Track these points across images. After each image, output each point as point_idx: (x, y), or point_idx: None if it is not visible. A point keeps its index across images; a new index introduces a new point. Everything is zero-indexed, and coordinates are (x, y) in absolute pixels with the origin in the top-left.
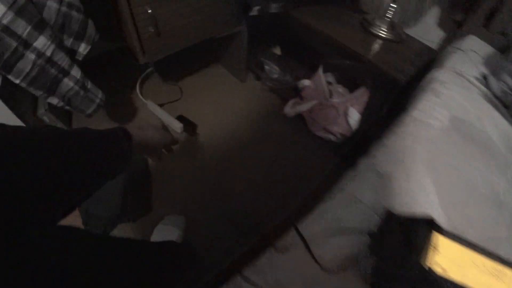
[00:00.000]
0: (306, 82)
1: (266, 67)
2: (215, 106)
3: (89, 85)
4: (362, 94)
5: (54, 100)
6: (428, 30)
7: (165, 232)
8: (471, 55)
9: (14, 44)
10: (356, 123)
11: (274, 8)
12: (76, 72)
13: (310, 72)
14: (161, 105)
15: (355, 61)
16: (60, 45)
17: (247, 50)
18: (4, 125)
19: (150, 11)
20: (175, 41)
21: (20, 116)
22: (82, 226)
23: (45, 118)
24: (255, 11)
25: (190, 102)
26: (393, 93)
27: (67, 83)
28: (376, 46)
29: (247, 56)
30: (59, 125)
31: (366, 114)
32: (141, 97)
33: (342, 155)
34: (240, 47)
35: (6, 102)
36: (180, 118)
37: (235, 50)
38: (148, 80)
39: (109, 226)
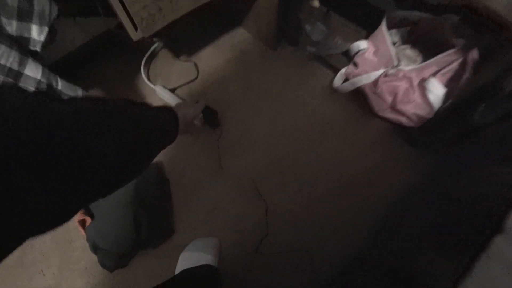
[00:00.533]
0: (362, 45)
1: (307, 27)
2: (241, 84)
3: (60, 84)
4: (448, 60)
5: None
6: None
7: (192, 260)
8: None
9: None
10: (439, 99)
11: None
12: (32, 70)
13: (366, 31)
14: (173, 90)
15: (436, 16)
16: None
17: (278, 6)
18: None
19: None
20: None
21: None
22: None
23: None
24: None
25: (209, 81)
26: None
27: (24, 87)
28: None
29: (278, 15)
30: None
31: (456, 88)
32: (147, 81)
33: (420, 146)
34: (269, 3)
35: None
36: None
37: (261, 8)
38: (156, 60)
39: (123, 259)
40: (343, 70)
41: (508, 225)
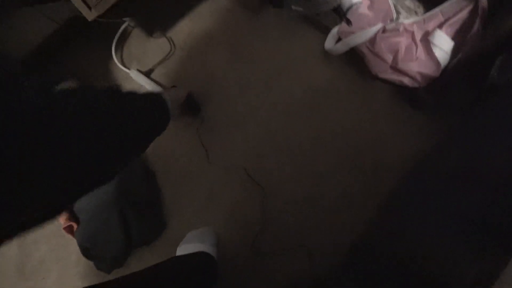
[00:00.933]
0: None
1: None
2: (223, 56)
3: None
4: (455, 9)
5: None
6: None
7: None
8: None
9: None
10: (447, 55)
11: None
12: None
13: None
14: (150, 72)
15: None
16: None
17: None
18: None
19: None
20: None
21: None
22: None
23: None
24: None
25: (188, 56)
26: None
27: None
28: None
29: None
30: None
31: (466, 40)
32: (121, 66)
33: (427, 109)
34: None
35: None
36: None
37: None
38: (128, 41)
39: (116, 264)
40: (335, 30)
41: None
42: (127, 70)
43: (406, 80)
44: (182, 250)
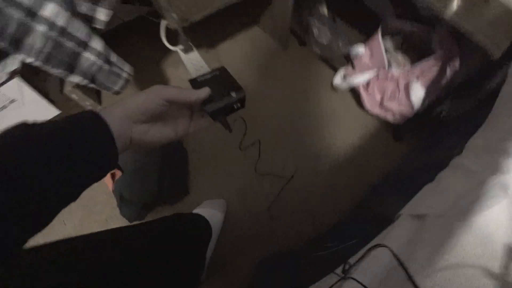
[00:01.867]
0: (360, 49)
1: (315, 30)
2: (254, 76)
3: (114, 58)
4: (430, 66)
5: (76, 79)
6: None
7: (206, 215)
8: None
9: (17, 15)
10: (420, 100)
11: None
12: (96, 43)
13: (364, 37)
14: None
15: (425, 23)
16: (74, 12)
17: (292, 9)
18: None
19: None
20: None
21: (45, 94)
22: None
23: (73, 96)
24: None
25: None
26: (477, 67)
27: (88, 57)
28: (457, 2)
29: (291, 18)
30: (88, 102)
31: (434, 91)
32: (168, 44)
33: (402, 140)
34: (284, 6)
35: (29, 81)
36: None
37: (277, 10)
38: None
39: (143, 212)
40: (342, 70)
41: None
42: (173, 47)
43: (389, 116)
44: (196, 212)
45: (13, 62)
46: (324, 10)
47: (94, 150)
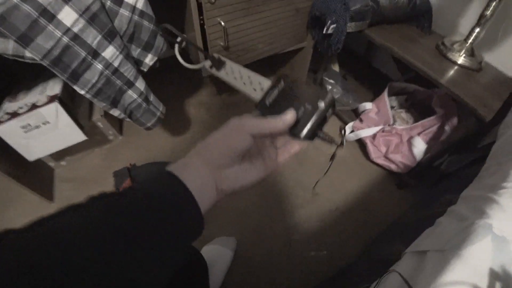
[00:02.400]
0: (368, 105)
1: (328, 86)
2: None
3: (152, 97)
4: (430, 124)
5: (116, 112)
6: (506, 57)
7: (214, 252)
8: None
9: (83, 53)
10: (421, 153)
11: (351, 27)
12: (140, 83)
13: (371, 94)
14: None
15: (427, 87)
16: (127, 56)
17: (309, 65)
18: None
19: (223, 23)
20: (241, 56)
21: (76, 120)
22: None
23: (99, 124)
24: (330, 29)
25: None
26: (474, 126)
27: (131, 95)
28: (453, 73)
29: (308, 71)
30: (111, 131)
31: (433, 146)
32: (186, 63)
33: (406, 188)
34: (302, 62)
35: (64, 105)
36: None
37: (295, 65)
38: (201, 90)
39: None
40: (351, 123)
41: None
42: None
43: (393, 166)
44: (206, 248)
45: (54, 86)
46: (337, 67)
47: (179, 227)
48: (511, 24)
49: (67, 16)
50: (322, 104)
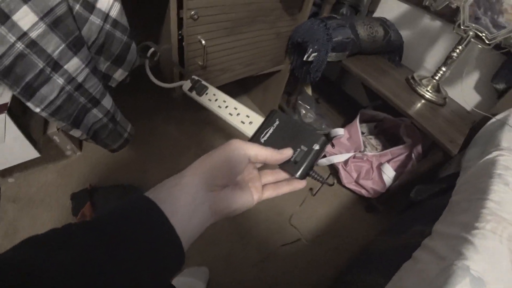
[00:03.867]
0: (340, 131)
1: (302, 111)
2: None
3: (119, 117)
4: (399, 152)
5: (77, 133)
6: (467, 95)
7: (187, 286)
8: None
9: (41, 64)
10: (390, 180)
11: (331, 57)
12: (107, 101)
13: (343, 119)
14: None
15: (393, 114)
16: (94, 70)
17: (284, 88)
18: None
19: (203, 42)
20: (218, 76)
21: (28, 134)
22: None
23: (55, 138)
24: (311, 57)
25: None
26: (438, 160)
27: (96, 114)
28: (421, 106)
29: (282, 94)
30: (69, 146)
31: (402, 173)
32: (157, 81)
33: (375, 213)
34: (277, 85)
35: (15, 118)
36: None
37: (271, 87)
38: (172, 103)
39: None
40: None
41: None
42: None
43: (363, 192)
44: (176, 280)
45: (3, 94)
46: (309, 91)
47: (157, 264)
48: (473, 66)
49: (25, 17)
50: (317, 147)
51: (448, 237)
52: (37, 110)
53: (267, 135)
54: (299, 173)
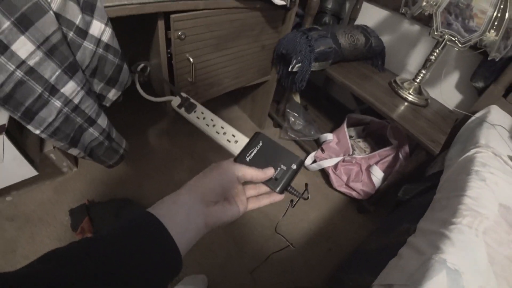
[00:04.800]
0: (329, 136)
1: (291, 118)
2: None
3: (114, 134)
4: (386, 153)
5: (75, 152)
6: (447, 94)
7: None
8: (499, 129)
9: (39, 89)
10: (379, 181)
11: (315, 66)
12: (102, 120)
13: (332, 124)
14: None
15: (380, 117)
16: (89, 91)
17: (272, 99)
18: None
19: (191, 60)
20: (207, 91)
21: (25, 153)
22: None
23: (52, 156)
24: (296, 67)
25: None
26: (423, 159)
27: (92, 133)
28: (404, 108)
29: (270, 103)
30: (65, 163)
31: (390, 174)
32: (146, 95)
33: (366, 213)
34: (265, 95)
35: (12, 139)
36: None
37: (259, 97)
38: (163, 117)
39: None
40: (313, 153)
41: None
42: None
43: (354, 194)
44: None
45: (0, 115)
46: (298, 98)
47: (157, 267)
48: (451, 67)
49: (23, 47)
50: (294, 167)
51: (429, 233)
52: (37, 132)
53: (252, 154)
54: (278, 188)
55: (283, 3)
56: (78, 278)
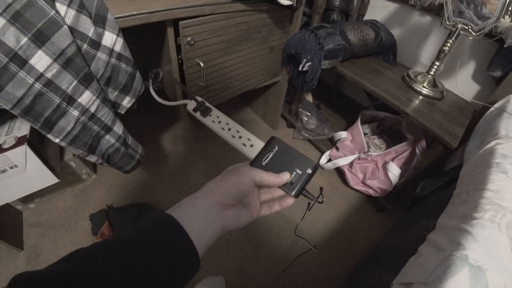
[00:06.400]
0: (343, 134)
1: (304, 118)
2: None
3: (130, 140)
4: (402, 149)
5: (93, 158)
6: (463, 85)
7: None
8: None
9: (57, 100)
10: (396, 178)
11: (325, 64)
12: (118, 127)
13: (345, 122)
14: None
15: (395, 112)
16: (104, 100)
17: (283, 99)
18: None
19: (202, 64)
20: (218, 94)
21: (46, 162)
22: None
23: (72, 164)
24: (306, 66)
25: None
26: (440, 153)
27: (109, 140)
28: (419, 102)
29: (282, 105)
30: (84, 170)
31: (407, 170)
32: (160, 99)
33: (383, 211)
34: (277, 96)
35: (34, 148)
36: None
37: (271, 98)
38: (177, 123)
39: None
40: (327, 152)
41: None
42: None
43: (371, 191)
44: None
45: (22, 126)
46: (310, 98)
47: (176, 267)
48: (466, 57)
49: (40, 61)
50: (309, 171)
51: (449, 229)
52: (57, 140)
53: (268, 159)
54: (294, 192)
55: (289, 3)
56: (100, 277)
